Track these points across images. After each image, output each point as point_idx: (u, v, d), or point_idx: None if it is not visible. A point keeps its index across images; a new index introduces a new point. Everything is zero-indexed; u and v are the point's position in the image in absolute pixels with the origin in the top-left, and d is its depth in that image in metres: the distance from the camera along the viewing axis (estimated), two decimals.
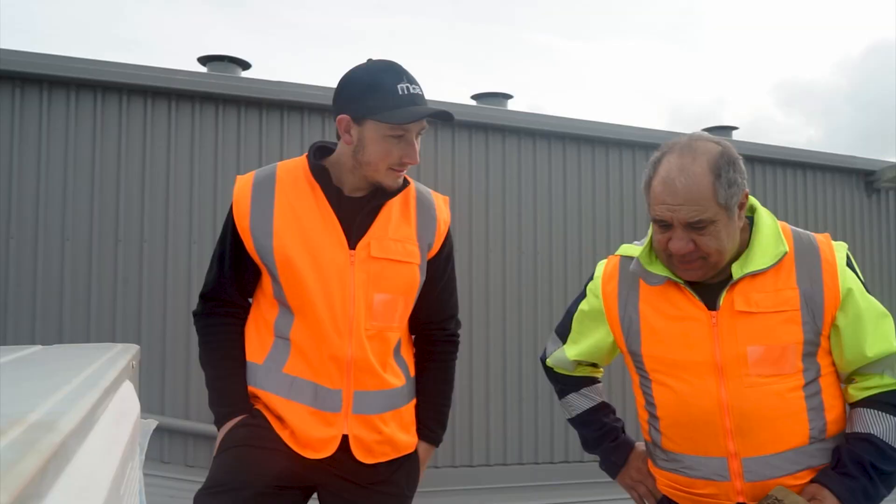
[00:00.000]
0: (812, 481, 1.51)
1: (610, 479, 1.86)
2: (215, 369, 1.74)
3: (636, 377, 1.68)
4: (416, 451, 1.77)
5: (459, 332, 1.88)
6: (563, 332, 1.80)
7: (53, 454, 0.53)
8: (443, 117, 1.61)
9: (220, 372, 1.74)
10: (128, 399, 0.95)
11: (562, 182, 5.21)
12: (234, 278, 1.73)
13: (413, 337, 1.84)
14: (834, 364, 1.56)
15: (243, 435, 1.65)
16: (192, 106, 4.42)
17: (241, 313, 1.76)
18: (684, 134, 1.55)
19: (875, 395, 1.53)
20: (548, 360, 1.85)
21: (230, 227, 1.70)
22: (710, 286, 1.55)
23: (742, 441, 1.51)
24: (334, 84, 1.67)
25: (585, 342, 1.75)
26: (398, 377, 1.71)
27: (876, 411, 1.52)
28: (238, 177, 1.74)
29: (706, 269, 1.52)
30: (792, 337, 1.50)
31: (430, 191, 1.81)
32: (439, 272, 1.77)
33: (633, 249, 1.66)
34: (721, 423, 1.52)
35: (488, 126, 5.03)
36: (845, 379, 1.58)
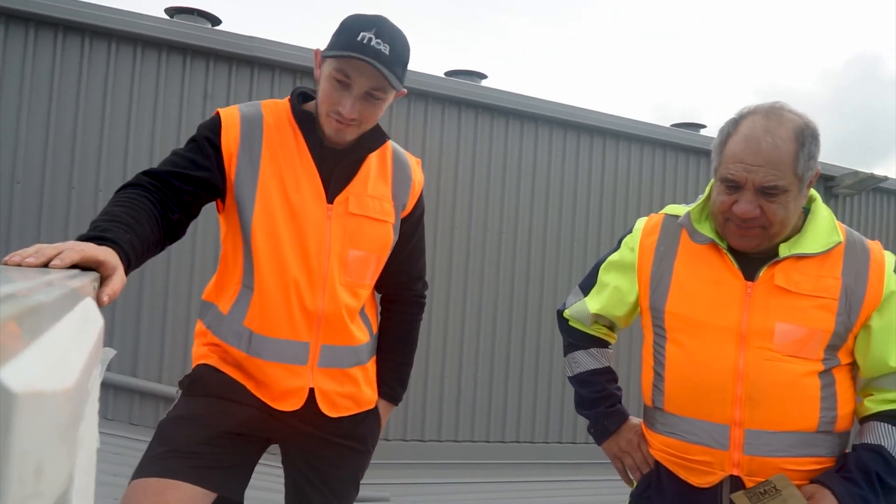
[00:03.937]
0: (813, 481, 1.48)
1: (559, 460, 1.84)
2: (109, 206, 1.39)
3: (649, 336, 1.65)
4: (376, 407, 1.76)
5: (426, 293, 1.87)
6: (587, 285, 1.77)
7: (28, 313, 0.47)
8: (384, 77, 1.50)
9: (110, 207, 1.38)
10: (93, 310, 0.89)
11: (531, 163, 5.20)
12: (190, 179, 1.53)
13: (379, 296, 1.83)
14: (851, 365, 1.55)
15: (216, 381, 1.63)
16: (159, 55, 4.25)
17: (170, 207, 1.47)
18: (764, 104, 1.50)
19: (891, 409, 1.51)
20: (566, 311, 1.81)
21: (210, 142, 1.59)
22: (751, 259, 1.53)
23: (750, 411, 1.48)
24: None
25: (608, 293, 1.71)
26: (363, 333, 1.71)
27: (889, 425, 1.50)
28: (220, 109, 1.65)
29: (762, 239, 1.49)
30: (822, 324, 1.48)
31: (405, 151, 1.79)
32: (410, 233, 1.76)
33: (680, 209, 1.64)
34: (732, 389, 1.49)
35: (462, 102, 4.98)
36: (861, 389, 1.57)
